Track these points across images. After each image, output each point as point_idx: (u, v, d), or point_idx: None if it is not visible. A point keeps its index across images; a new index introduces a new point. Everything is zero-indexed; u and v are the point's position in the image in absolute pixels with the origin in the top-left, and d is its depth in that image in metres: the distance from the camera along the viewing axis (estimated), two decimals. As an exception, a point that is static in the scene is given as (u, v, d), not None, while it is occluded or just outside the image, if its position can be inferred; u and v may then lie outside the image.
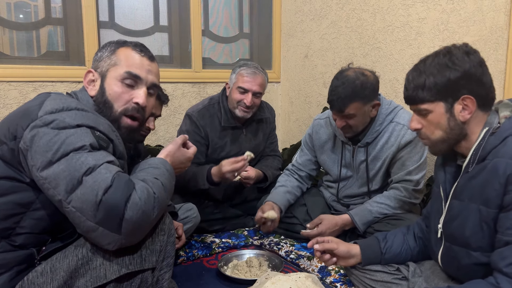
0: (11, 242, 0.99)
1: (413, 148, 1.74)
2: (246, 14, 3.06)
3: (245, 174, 2.04)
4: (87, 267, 0.98)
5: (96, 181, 0.94)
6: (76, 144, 0.96)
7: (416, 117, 1.16)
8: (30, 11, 2.30)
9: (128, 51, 1.17)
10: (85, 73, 1.17)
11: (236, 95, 2.06)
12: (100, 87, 1.15)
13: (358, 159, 1.85)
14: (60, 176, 0.94)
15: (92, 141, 0.98)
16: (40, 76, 2.24)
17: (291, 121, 3.11)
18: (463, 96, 1.07)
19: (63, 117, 0.98)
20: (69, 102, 1.03)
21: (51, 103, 1.01)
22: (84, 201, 0.93)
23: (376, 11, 2.37)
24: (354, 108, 1.67)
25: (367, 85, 1.67)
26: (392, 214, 1.74)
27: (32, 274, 0.98)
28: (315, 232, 1.75)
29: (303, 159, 2.09)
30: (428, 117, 1.12)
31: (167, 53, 2.74)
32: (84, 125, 1.00)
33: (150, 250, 1.05)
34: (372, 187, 1.87)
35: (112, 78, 1.14)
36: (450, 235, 1.16)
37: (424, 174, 1.79)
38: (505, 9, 1.82)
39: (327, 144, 1.97)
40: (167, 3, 2.70)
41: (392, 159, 1.79)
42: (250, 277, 1.57)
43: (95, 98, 1.15)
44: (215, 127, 2.11)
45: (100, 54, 1.18)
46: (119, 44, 1.19)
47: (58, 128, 0.96)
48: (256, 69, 2.07)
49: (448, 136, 1.12)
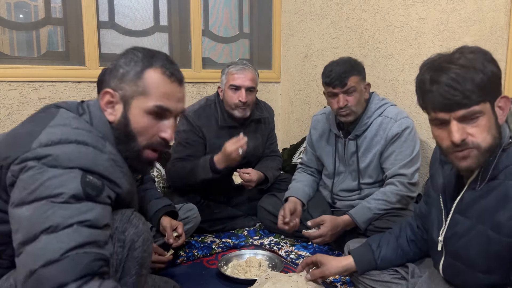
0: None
1: (404, 142, 1.78)
2: (246, 14, 3.06)
3: (247, 177, 2.04)
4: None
5: (48, 244, 0.80)
6: (54, 190, 0.83)
7: (459, 126, 0.95)
8: (30, 11, 2.30)
9: (157, 76, 1.01)
10: (103, 93, 1.01)
11: (229, 95, 2.05)
12: (122, 116, 1.00)
13: (349, 152, 1.90)
14: (23, 222, 0.82)
15: (76, 190, 0.85)
16: (40, 76, 2.24)
17: (291, 121, 3.11)
18: (500, 96, 0.96)
19: (57, 154, 0.86)
20: (70, 132, 0.91)
21: (50, 132, 0.90)
22: (24, 263, 0.81)
23: (376, 11, 2.37)
24: (354, 81, 1.75)
25: (359, 63, 1.83)
26: (392, 211, 1.75)
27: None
28: (317, 234, 1.74)
29: (308, 156, 2.13)
30: (479, 121, 0.94)
31: (167, 53, 2.74)
32: (77, 167, 0.87)
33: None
34: (362, 179, 1.89)
35: (138, 109, 1.00)
36: (454, 252, 1.10)
37: (418, 168, 1.81)
38: (505, 9, 1.82)
39: (323, 138, 2.02)
40: (167, 3, 2.70)
41: (382, 153, 1.82)
42: (250, 277, 1.57)
43: (115, 126, 1.01)
44: (212, 127, 2.11)
45: (123, 72, 1.01)
46: (145, 62, 1.02)
47: (47, 165, 0.85)
48: (244, 65, 2.07)
49: (496, 143, 0.96)
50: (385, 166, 1.83)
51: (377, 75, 2.36)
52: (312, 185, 2.08)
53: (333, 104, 1.82)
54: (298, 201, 1.94)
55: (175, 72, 1.04)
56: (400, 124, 1.79)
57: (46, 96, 2.25)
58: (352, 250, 1.37)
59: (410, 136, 1.79)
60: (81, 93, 2.34)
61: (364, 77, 1.83)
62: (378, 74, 2.36)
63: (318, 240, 1.75)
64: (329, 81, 1.76)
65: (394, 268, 1.33)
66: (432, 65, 0.99)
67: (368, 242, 1.37)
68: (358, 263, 1.33)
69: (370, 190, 1.88)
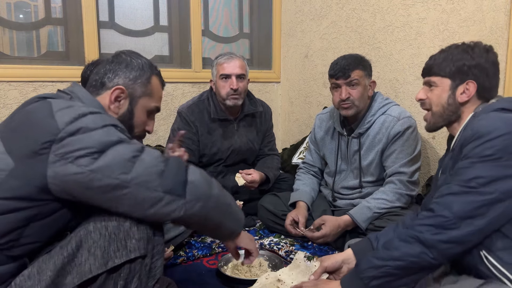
0: (9, 253, 0.98)
1: (406, 141, 1.79)
2: (246, 14, 3.06)
3: (250, 178, 2.05)
4: (72, 264, 0.99)
5: (151, 155, 1.03)
6: (112, 138, 1.00)
7: (424, 89, 1.29)
8: (30, 11, 2.30)
9: (157, 83, 1.25)
10: (114, 88, 1.17)
11: (221, 84, 2.09)
12: (128, 110, 1.20)
13: (351, 150, 1.91)
14: (114, 162, 0.97)
15: (122, 135, 1.03)
16: (40, 76, 2.24)
17: (291, 121, 3.11)
18: (468, 81, 1.19)
19: (86, 123, 0.99)
20: (79, 109, 1.03)
21: (63, 114, 1.00)
22: (148, 173, 1.00)
23: (376, 11, 2.37)
24: (357, 74, 1.78)
25: (366, 60, 1.87)
26: (392, 211, 1.76)
27: (19, 278, 0.97)
28: (318, 234, 1.76)
29: (312, 156, 2.14)
30: (434, 90, 1.25)
31: (167, 53, 2.75)
32: (108, 125, 1.03)
33: (135, 239, 1.04)
34: (364, 177, 1.90)
35: (143, 106, 1.22)
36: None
37: (418, 167, 1.82)
38: (505, 9, 1.82)
39: (327, 136, 2.03)
40: (167, 3, 2.70)
41: (384, 151, 1.83)
42: (250, 277, 1.57)
43: (119, 118, 1.17)
44: (205, 121, 2.13)
45: (136, 75, 1.20)
46: (152, 69, 1.24)
47: (88, 131, 0.98)
48: (231, 54, 2.13)
49: (445, 111, 1.24)
50: (386, 164, 1.84)
51: (377, 75, 2.36)
52: (316, 188, 2.10)
53: (335, 96, 1.83)
54: (306, 206, 1.97)
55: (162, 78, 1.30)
56: (403, 123, 1.79)
57: (46, 96, 2.25)
58: (352, 245, 1.39)
59: (412, 135, 1.80)
60: (81, 93, 2.34)
61: (370, 74, 1.86)
62: (378, 74, 2.35)
63: (320, 241, 1.78)
64: (333, 72, 1.80)
65: None
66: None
67: (368, 236, 1.40)
68: (357, 255, 1.33)
69: (371, 188, 1.89)
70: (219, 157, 2.19)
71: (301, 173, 2.16)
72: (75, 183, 0.97)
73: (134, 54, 1.24)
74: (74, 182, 0.97)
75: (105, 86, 1.18)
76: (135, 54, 1.24)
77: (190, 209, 1.03)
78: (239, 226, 1.23)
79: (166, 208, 1.01)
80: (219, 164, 2.20)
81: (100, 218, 1.02)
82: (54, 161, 0.96)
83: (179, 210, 1.02)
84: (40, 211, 0.99)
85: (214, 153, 2.16)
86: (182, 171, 1.04)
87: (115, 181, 0.97)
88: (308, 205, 1.97)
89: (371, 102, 1.88)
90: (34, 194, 0.97)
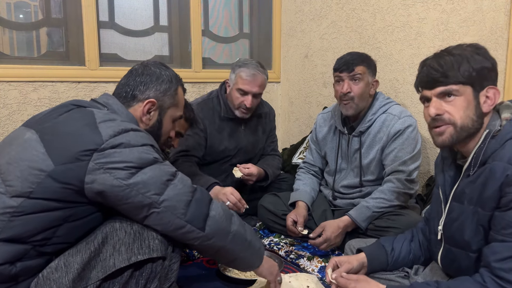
0: (41, 250, 1.02)
1: (405, 139, 1.79)
2: (246, 14, 3.06)
3: (247, 170, 2.03)
4: (98, 259, 1.04)
5: (183, 183, 1.11)
6: (150, 157, 1.08)
7: (436, 102, 1.08)
8: (30, 11, 2.30)
9: (181, 92, 1.34)
10: (147, 101, 1.23)
11: (236, 96, 2.07)
12: (157, 121, 1.27)
13: (352, 148, 1.91)
14: (149, 181, 1.05)
15: (158, 155, 1.10)
16: (40, 76, 2.24)
17: (291, 121, 3.11)
18: (488, 86, 1.07)
19: (128, 139, 1.06)
20: (122, 124, 1.10)
21: (107, 127, 1.06)
22: (178, 200, 1.07)
23: (376, 11, 2.37)
24: (361, 70, 1.80)
25: (371, 58, 1.88)
26: (391, 210, 1.76)
27: (46, 270, 1.02)
28: (321, 240, 1.74)
29: (312, 155, 2.15)
30: (456, 100, 1.06)
31: (167, 53, 2.74)
32: (147, 144, 1.10)
33: (158, 240, 1.10)
34: (364, 176, 1.90)
35: (170, 116, 1.30)
36: (450, 237, 1.16)
37: (418, 165, 1.82)
38: (505, 9, 1.82)
39: (328, 135, 2.04)
40: (167, 3, 2.70)
41: (384, 149, 1.83)
42: (250, 277, 1.57)
43: (148, 128, 1.24)
44: (213, 119, 2.13)
45: (166, 87, 1.27)
46: (178, 80, 1.32)
47: (129, 147, 1.05)
48: (255, 69, 2.04)
49: (473, 125, 1.06)
50: (385, 163, 1.84)
51: (377, 75, 2.35)
52: (316, 188, 2.10)
53: (337, 90, 1.84)
54: (306, 206, 1.96)
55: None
56: (404, 121, 1.80)
57: (46, 96, 2.25)
58: (365, 249, 1.35)
59: (412, 134, 1.80)
60: (81, 93, 2.34)
61: (374, 73, 1.87)
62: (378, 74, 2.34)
63: (324, 246, 1.75)
64: (337, 66, 1.83)
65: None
66: (434, 54, 1.12)
67: (382, 243, 1.36)
68: (371, 264, 1.32)
69: (371, 188, 1.88)
70: (225, 154, 2.18)
71: (301, 172, 2.16)
72: (110, 193, 1.03)
73: (162, 66, 1.30)
74: (109, 191, 1.03)
75: (136, 98, 1.24)
76: (163, 66, 1.30)
77: (205, 241, 1.11)
78: (257, 261, 1.26)
79: (186, 235, 1.10)
80: (225, 162, 2.20)
81: (126, 217, 1.09)
82: (94, 169, 1.01)
83: (195, 240, 1.11)
84: (74, 213, 1.04)
85: (221, 150, 2.16)
86: (206, 205, 1.12)
87: (147, 200, 1.04)
88: (308, 205, 1.97)
89: (373, 101, 1.88)
90: (70, 196, 1.02)
